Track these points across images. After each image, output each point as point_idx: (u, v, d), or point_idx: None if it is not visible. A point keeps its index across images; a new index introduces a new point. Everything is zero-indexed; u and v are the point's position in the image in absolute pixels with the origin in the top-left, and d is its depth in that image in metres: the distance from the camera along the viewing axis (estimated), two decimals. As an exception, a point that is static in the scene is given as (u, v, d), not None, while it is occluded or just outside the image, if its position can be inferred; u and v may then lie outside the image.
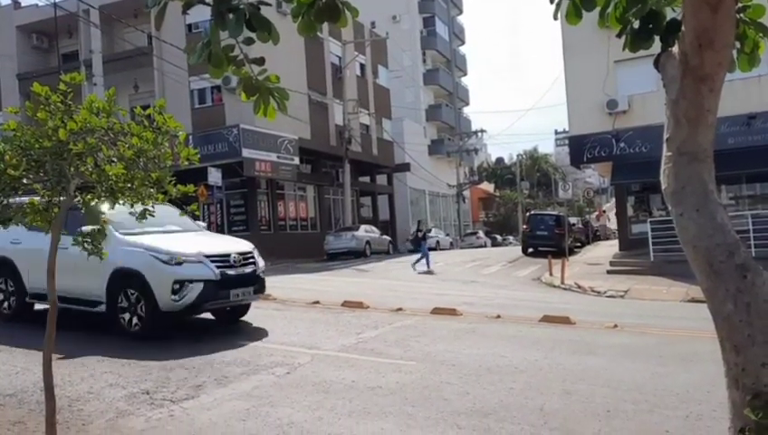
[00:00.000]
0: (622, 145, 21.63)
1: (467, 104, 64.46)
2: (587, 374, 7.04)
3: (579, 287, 17.12)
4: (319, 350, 8.28)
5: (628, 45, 2.90)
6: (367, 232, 30.16)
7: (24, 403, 6.07)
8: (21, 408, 5.96)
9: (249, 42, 2.63)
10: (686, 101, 2.72)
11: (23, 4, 33.27)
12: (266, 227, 28.89)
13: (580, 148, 22.76)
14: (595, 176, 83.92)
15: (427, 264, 21.85)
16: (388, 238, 32.84)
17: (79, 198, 4.27)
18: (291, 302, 12.66)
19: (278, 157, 27.45)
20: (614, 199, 26.90)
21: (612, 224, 36.89)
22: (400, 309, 11.57)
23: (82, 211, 4.34)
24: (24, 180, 4.08)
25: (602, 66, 20.14)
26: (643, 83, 19.95)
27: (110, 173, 4.08)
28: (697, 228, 2.68)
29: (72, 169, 4.07)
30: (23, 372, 7.07)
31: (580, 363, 7.61)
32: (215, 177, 23.65)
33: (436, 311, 11.27)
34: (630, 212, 23.79)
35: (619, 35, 2.91)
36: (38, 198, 4.25)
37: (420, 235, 23.13)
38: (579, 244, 30.89)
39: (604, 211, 47.24)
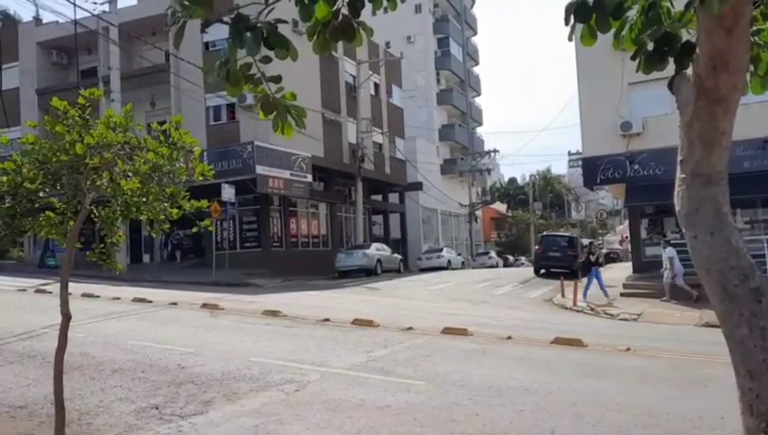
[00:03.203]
0: (636, 167, 21.52)
1: (480, 124, 64.57)
2: (598, 397, 6.96)
3: (591, 310, 16.98)
4: (328, 368, 8.25)
5: (641, 67, 2.91)
6: (378, 250, 30.13)
7: (35, 416, 6.09)
8: (31, 420, 5.97)
9: (266, 60, 2.66)
10: (700, 123, 2.72)
11: (44, 21, 33.86)
12: (278, 244, 28.95)
13: (594, 169, 22.68)
14: (608, 197, 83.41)
15: (585, 292, 18.64)
16: (400, 257, 32.77)
17: (95, 211, 4.32)
18: (301, 319, 12.65)
19: (291, 174, 27.59)
20: (627, 222, 26.69)
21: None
22: (410, 328, 11.52)
23: (98, 225, 4.39)
24: (41, 193, 4.13)
25: (616, 88, 20.11)
26: (657, 105, 19.89)
27: (126, 187, 4.13)
28: (711, 251, 2.66)
29: (88, 182, 4.12)
30: (34, 385, 7.09)
31: (592, 386, 7.53)
32: (228, 193, 23.79)
33: (447, 331, 11.20)
34: (644, 234, 23.63)
35: (633, 57, 2.92)
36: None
37: (593, 258, 19.92)
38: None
39: (626, 237, 47.41)
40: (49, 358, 6.33)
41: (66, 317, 4.39)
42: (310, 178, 28.83)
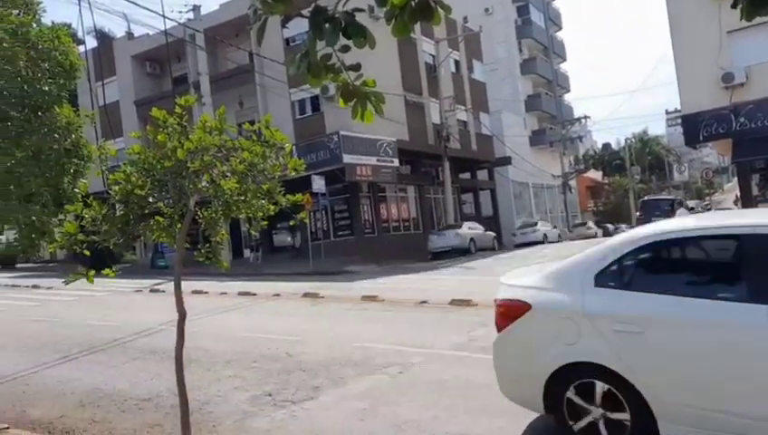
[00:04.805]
0: (742, 120, 20.15)
1: (568, 91, 62.41)
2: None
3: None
4: (430, 349, 8.30)
5: (744, 14, 2.70)
6: (470, 229, 29.88)
7: (161, 407, 6.52)
8: (158, 411, 6.41)
9: (345, 49, 2.68)
10: (815, 66, 2.50)
11: (135, 35, 35.69)
12: (370, 230, 29.31)
13: (695, 126, 21.43)
14: (713, 154, 78.70)
15: None
16: (493, 234, 32.36)
17: (198, 212, 4.56)
18: (399, 302, 12.78)
19: (378, 160, 27.78)
20: (736, 179, 25.09)
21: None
22: (510, 305, 11.36)
23: (202, 226, 4.62)
24: (150, 199, 4.40)
25: (714, 38, 18.86)
26: (761, 52, 18.54)
27: (225, 187, 4.32)
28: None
29: (191, 185, 4.35)
30: (156, 378, 7.59)
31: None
32: (318, 184, 24.27)
33: (548, 305, 10.96)
34: (755, 191, 22.14)
35: (734, 5, 2.72)
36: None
37: None
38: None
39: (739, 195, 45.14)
40: (168, 353, 6.74)
41: (182, 314, 4.65)
42: (396, 162, 28.92)
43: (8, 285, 22.23)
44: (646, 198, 33.79)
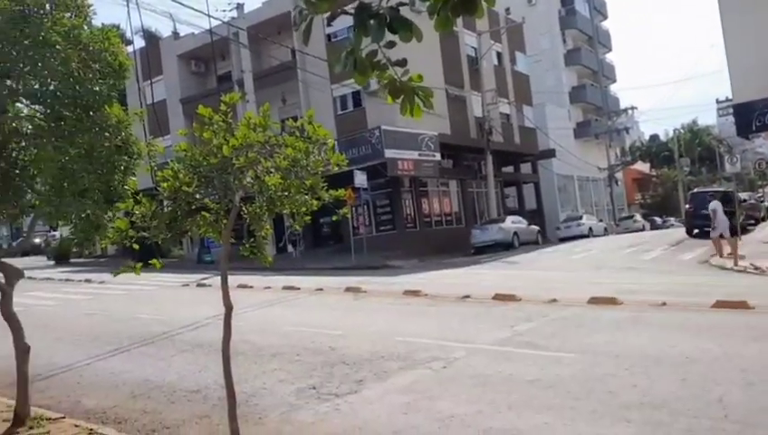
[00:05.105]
0: (797, 109, 19.39)
1: (614, 81, 60.98)
2: (772, 364, 6.40)
3: (755, 269, 15.57)
4: (473, 344, 8.26)
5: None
6: (514, 223, 29.60)
7: (208, 399, 6.66)
8: (205, 403, 6.55)
9: (391, 45, 2.67)
10: None
11: (181, 35, 36.36)
12: (412, 225, 29.28)
13: (748, 116, 20.69)
14: (766, 145, 75.85)
15: None
16: (537, 228, 31.96)
17: (243, 208, 4.63)
18: (441, 297, 12.75)
19: (419, 154, 27.71)
20: (792, 170, 24.16)
21: None
22: (555, 300, 11.23)
23: (247, 221, 4.70)
24: (197, 195, 4.49)
25: (766, 24, 18.16)
26: (819, 37, 17.74)
27: (270, 183, 4.38)
28: None
29: (236, 181, 4.42)
30: (204, 371, 7.75)
31: (763, 351, 6.94)
32: (360, 179, 24.36)
33: (594, 300, 10.79)
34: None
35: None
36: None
37: None
38: (752, 221, 28.18)
39: None
40: (215, 346, 6.88)
41: (229, 308, 4.73)
42: (438, 156, 28.80)
43: (62, 279, 23.03)
44: (695, 190, 32.85)
